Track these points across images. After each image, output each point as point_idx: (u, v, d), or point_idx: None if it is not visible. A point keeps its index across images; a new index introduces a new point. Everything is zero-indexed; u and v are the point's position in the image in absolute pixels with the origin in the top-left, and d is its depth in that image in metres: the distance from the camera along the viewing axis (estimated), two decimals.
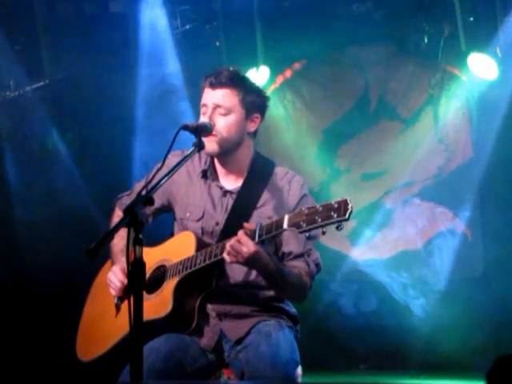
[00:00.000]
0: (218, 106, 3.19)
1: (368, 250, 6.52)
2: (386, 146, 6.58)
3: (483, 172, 6.17)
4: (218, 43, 6.38)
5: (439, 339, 6.04)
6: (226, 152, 3.25)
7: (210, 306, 3.23)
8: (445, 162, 6.51)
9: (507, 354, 2.20)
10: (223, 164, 3.31)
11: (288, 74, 6.69)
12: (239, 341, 3.19)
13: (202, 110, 3.23)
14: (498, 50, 5.84)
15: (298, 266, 3.18)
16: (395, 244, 6.49)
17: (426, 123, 6.50)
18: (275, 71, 6.45)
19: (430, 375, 5.94)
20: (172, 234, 3.40)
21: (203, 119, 3.20)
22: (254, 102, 3.25)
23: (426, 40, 6.25)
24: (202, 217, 3.28)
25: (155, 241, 3.37)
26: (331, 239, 6.22)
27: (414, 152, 6.45)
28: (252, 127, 3.28)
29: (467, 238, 6.40)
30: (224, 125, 3.19)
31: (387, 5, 6.20)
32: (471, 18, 5.96)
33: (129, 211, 2.54)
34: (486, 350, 5.47)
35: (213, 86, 3.20)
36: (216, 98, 3.20)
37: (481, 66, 5.90)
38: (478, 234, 6.38)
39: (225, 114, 3.20)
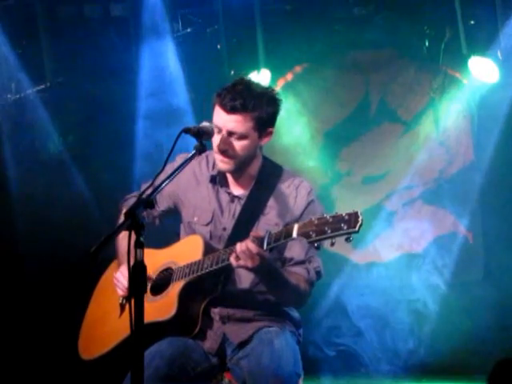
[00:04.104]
0: (233, 132, 3.15)
1: (369, 253, 6.52)
2: (387, 148, 6.58)
3: (484, 175, 6.16)
4: (219, 46, 6.38)
5: (440, 342, 6.03)
6: (240, 169, 3.25)
7: (213, 309, 3.23)
8: (446, 165, 6.50)
9: (508, 358, 2.21)
10: (234, 174, 3.30)
11: (289, 77, 6.69)
12: (241, 345, 3.19)
13: (216, 130, 3.15)
14: (498, 54, 5.84)
15: (298, 272, 3.18)
16: (396, 247, 6.48)
17: (426, 126, 6.49)
18: (276, 74, 6.45)
19: (432, 378, 5.94)
20: (178, 237, 3.41)
21: (217, 138, 3.16)
22: (269, 116, 3.20)
23: (427, 43, 6.25)
24: (211, 221, 3.29)
25: (162, 242, 3.38)
26: None
27: (415, 155, 6.45)
28: (266, 141, 3.26)
29: (468, 241, 6.39)
30: (239, 149, 3.17)
31: (388, 8, 6.20)
32: (472, 22, 5.96)
33: (129, 214, 2.54)
34: (486, 354, 5.45)
35: (227, 110, 3.14)
36: (230, 124, 3.14)
37: (482, 70, 5.90)
38: (479, 237, 6.37)
39: (239, 139, 3.16)
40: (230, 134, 3.16)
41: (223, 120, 3.15)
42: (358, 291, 6.39)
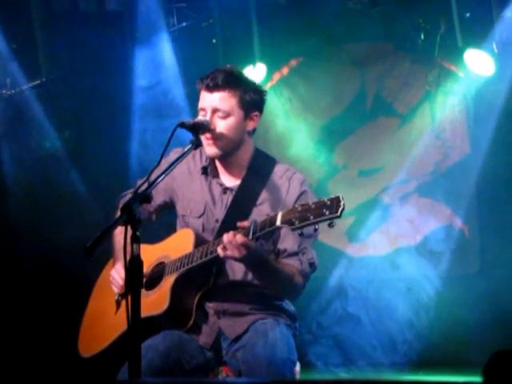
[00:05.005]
0: (217, 109, 3.17)
1: (365, 246, 6.53)
2: (383, 142, 6.58)
3: (480, 168, 6.16)
4: (214, 40, 6.36)
5: (437, 335, 6.05)
6: (228, 154, 3.25)
7: (208, 304, 3.23)
8: (442, 158, 6.51)
9: (503, 350, 2.21)
10: (223, 162, 3.30)
11: (285, 71, 6.68)
12: (237, 339, 3.20)
13: (201, 113, 3.18)
14: (494, 46, 5.83)
15: (290, 264, 3.18)
16: (392, 240, 6.49)
17: (422, 119, 6.50)
18: (272, 68, 6.44)
19: (428, 371, 5.95)
20: (175, 231, 3.41)
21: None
22: (253, 100, 3.23)
23: (422, 36, 6.24)
24: (203, 213, 3.29)
25: (160, 238, 3.38)
26: (328, 235, 6.22)
27: (411, 148, 6.45)
28: (251, 126, 3.27)
29: (464, 234, 6.40)
30: (224, 128, 3.18)
31: (383, 1, 6.19)
32: (467, 14, 5.95)
33: (126, 209, 2.54)
34: (482, 346, 5.46)
35: (209, 89, 3.17)
36: (214, 101, 3.17)
37: (477, 62, 5.89)
38: (475, 230, 6.38)
39: (224, 117, 3.18)
40: (215, 111, 3.17)
41: (207, 100, 3.18)
42: (355, 284, 6.40)
